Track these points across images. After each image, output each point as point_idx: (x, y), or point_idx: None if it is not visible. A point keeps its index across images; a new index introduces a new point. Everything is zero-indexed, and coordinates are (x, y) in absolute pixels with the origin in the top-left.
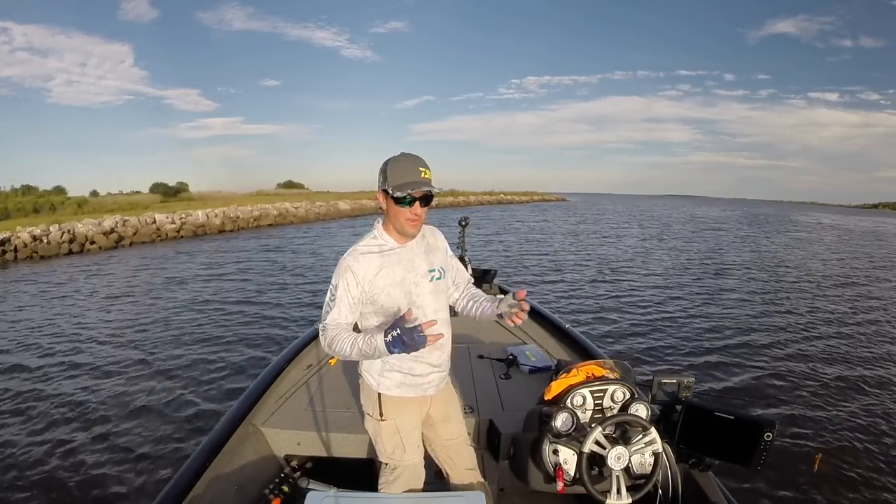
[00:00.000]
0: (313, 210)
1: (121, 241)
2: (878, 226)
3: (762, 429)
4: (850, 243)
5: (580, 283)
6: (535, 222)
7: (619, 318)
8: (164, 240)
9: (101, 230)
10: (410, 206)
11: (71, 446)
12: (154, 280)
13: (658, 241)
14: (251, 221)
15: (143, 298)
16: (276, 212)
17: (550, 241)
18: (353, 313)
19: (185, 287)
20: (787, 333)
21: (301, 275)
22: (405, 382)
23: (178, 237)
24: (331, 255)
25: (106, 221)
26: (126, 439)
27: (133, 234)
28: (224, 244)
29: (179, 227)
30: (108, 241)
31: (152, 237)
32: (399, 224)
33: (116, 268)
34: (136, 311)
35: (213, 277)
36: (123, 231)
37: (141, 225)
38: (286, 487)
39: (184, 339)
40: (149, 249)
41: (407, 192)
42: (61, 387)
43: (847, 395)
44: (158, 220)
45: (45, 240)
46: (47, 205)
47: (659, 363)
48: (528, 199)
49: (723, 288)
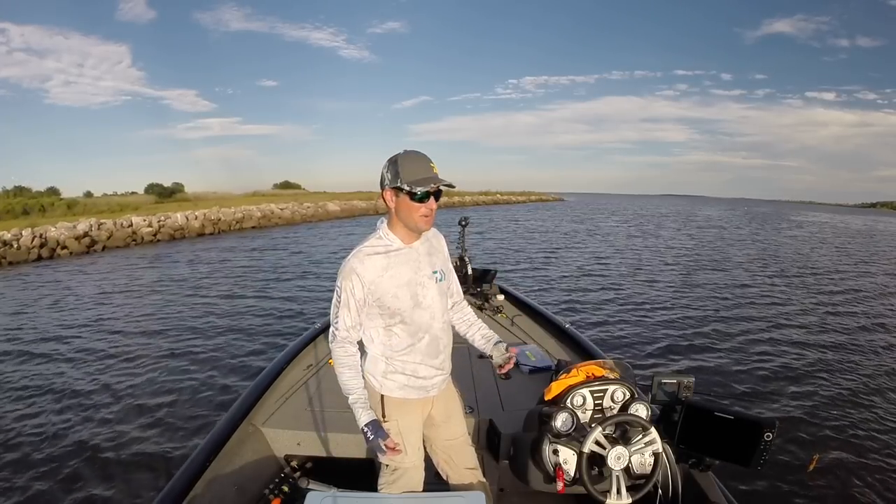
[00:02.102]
0: (300, 211)
1: (93, 245)
2: (878, 225)
3: (762, 429)
4: (851, 242)
5: (580, 282)
6: (532, 222)
7: (618, 318)
8: (139, 244)
9: (73, 234)
10: (426, 202)
11: (71, 446)
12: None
13: (657, 241)
14: (233, 224)
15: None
16: (259, 213)
17: (548, 241)
18: (359, 315)
19: (158, 293)
20: (788, 333)
21: (285, 277)
22: (408, 384)
23: (154, 241)
24: (319, 256)
25: (80, 225)
26: (126, 440)
27: (107, 239)
28: (202, 248)
29: (157, 230)
30: (80, 246)
31: (127, 241)
32: (413, 221)
33: (69, 277)
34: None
35: (198, 280)
36: (97, 235)
37: (116, 228)
38: (286, 487)
39: (182, 338)
40: (122, 255)
41: (429, 186)
42: (61, 387)
43: (848, 395)
44: (135, 223)
45: (16, 245)
46: (37, 206)
47: (659, 363)
48: (525, 199)
49: (722, 288)
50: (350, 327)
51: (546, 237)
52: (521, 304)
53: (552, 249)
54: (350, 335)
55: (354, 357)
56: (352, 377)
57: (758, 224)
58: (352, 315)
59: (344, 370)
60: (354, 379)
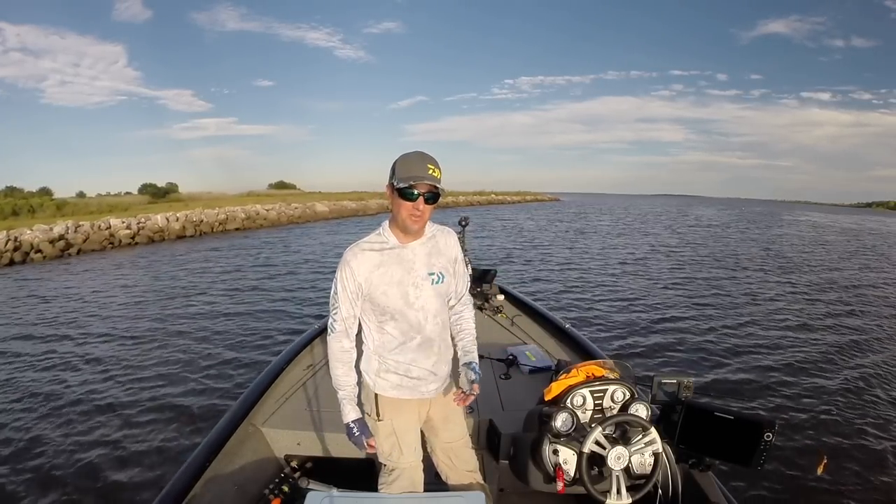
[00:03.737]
0: (287, 213)
1: (68, 248)
2: (880, 225)
3: (762, 429)
4: (852, 241)
5: (579, 282)
6: (529, 222)
7: (618, 318)
8: (116, 247)
9: (48, 237)
10: (414, 201)
11: (70, 447)
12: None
13: (655, 241)
14: (216, 226)
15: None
16: (244, 215)
17: (547, 241)
18: (353, 307)
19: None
20: (788, 332)
21: (263, 282)
22: (401, 384)
23: (132, 244)
24: (296, 259)
25: (56, 227)
26: (125, 440)
27: (83, 242)
28: (182, 251)
29: (135, 232)
30: (55, 250)
31: (103, 244)
32: (401, 219)
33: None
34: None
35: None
36: (73, 238)
37: (93, 231)
38: (286, 487)
39: (181, 339)
40: (97, 259)
41: (409, 183)
42: (60, 387)
43: (848, 395)
44: (113, 225)
45: None
46: (27, 207)
47: (659, 363)
48: (521, 199)
49: (722, 287)
50: (345, 318)
51: (543, 237)
52: (521, 304)
53: (550, 250)
54: (346, 327)
55: (349, 353)
56: (344, 373)
57: (753, 223)
58: (345, 306)
59: (338, 365)
60: (347, 375)
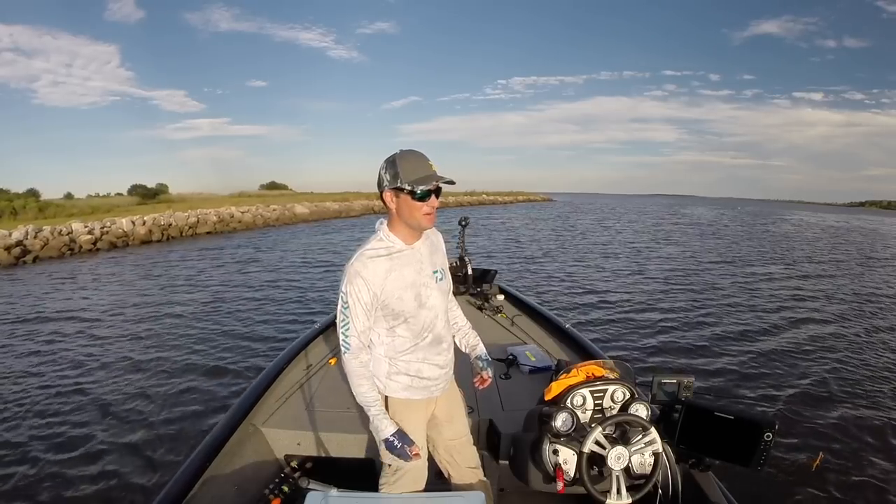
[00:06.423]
0: (263, 215)
1: (24, 256)
2: (878, 225)
3: (762, 429)
4: (847, 240)
5: (579, 282)
6: (525, 222)
7: (618, 318)
8: (75, 253)
9: (5, 244)
10: (427, 200)
11: (70, 447)
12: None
13: (653, 241)
14: (186, 229)
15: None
16: (216, 218)
17: (545, 241)
18: (368, 320)
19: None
20: (788, 332)
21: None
22: (412, 385)
23: (94, 250)
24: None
25: (15, 233)
26: (125, 440)
27: (41, 248)
28: (145, 257)
29: (97, 237)
30: (9, 258)
31: (62, 251)
32: (416, 220)
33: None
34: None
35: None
36: (31, 244)
37: (52, 237)
38: (286, 487)
39: (180, 339)
40: (52, 267)
41: (430, 184)
42: (58, 387)
43: (848, 394)
44: (75, 229)
45: None
46: (9, 209)
47: (659, 363)
48: (513, 199)
49: (722, 287)
50: (360, 332)
51: (540, 237)
52: (521, 304)
53: (549, 250)
54: (362, 341)
55: (368, 366)
56: (370, 388)
57: (752, 223)
58: (361, 320)
59: (362, 382)
60: (373, 389)
